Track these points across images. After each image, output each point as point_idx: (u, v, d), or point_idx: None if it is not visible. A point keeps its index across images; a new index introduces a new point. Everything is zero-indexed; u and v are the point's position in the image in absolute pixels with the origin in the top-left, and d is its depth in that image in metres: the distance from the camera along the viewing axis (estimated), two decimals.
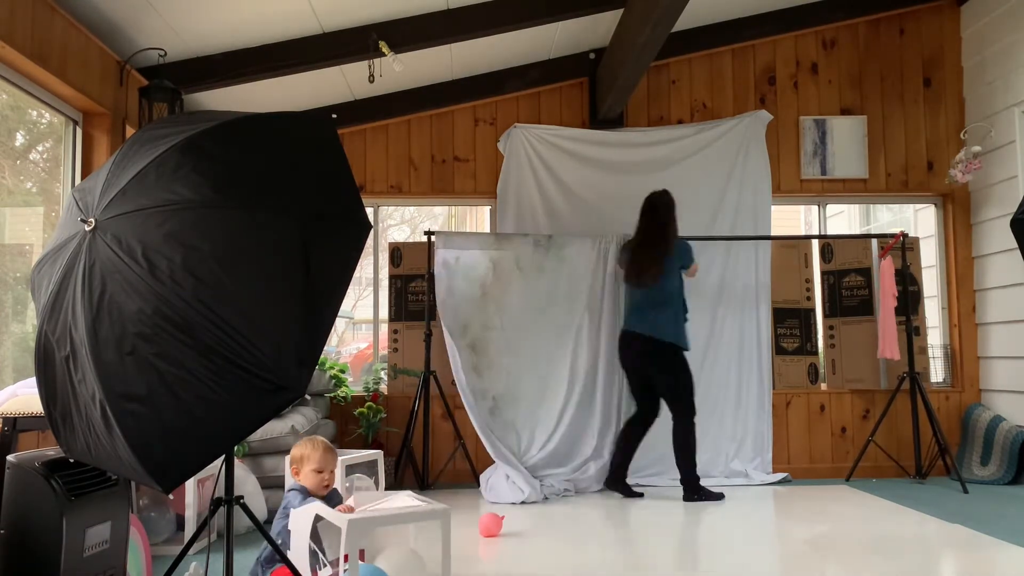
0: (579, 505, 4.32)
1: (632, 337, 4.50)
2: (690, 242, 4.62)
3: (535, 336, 4.93)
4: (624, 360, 4.59)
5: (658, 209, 4.52)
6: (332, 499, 2.90)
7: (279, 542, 2.69)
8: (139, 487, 3.20)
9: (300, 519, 2.61)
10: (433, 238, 5.07)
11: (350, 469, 3.56)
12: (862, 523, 3.76)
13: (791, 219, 9.67)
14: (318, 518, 2.58)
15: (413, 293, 5.31)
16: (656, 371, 4.45)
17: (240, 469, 3.59)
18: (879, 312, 4.92)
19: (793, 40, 5.51)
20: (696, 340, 4.84)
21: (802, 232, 9.35)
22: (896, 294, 4.88)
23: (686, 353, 4.44)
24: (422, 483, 4.83)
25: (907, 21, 5.53)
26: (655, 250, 4.44)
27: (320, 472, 2.84)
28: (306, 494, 2.81)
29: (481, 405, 4.83)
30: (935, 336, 5.49)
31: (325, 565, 2.62)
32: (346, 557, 2.51)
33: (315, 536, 2.63)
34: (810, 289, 5.34)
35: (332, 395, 5.02)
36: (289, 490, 2.84)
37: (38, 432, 2.95)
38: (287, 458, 3.65)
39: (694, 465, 4.38)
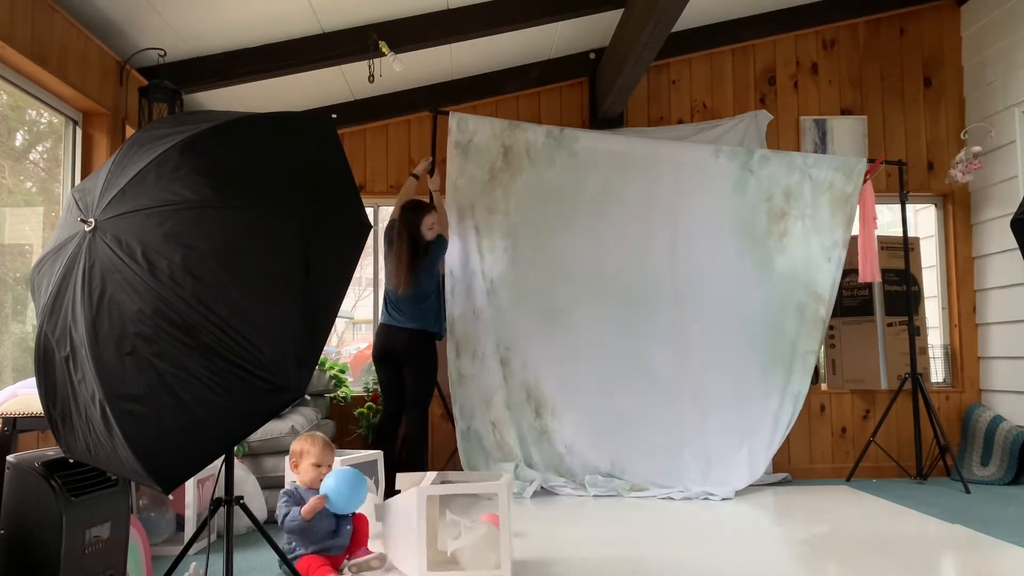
0: (572, 501, 4.31)
1: None
2: None
3: (538, 225, 4.83)
4: None
5: None
6: None
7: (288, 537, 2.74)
8: (139, 487, 3.20)
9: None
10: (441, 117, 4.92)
11: None
12: (862, 523, 3.75)
13: None
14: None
15: None
16: None
17: (240, 469, 3.59)
18: (859, 238, 4.88)
19: (793, 40, 5.51)
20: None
21: None
22: (876, 216, 4.87)
23: None
24: None
25: (907, 21, 5.53)
26: None
27: (318, 466, 2.89)
28: (297, 497, 2.83)
29: (479, 288, 4.75)
30: (935, 336, 5.49)
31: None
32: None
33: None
34: None
35: (332, 395, 5.01)
36: (283, 493, 2.86)
37: (38, 432, 2.95)
38: (287, 457, 3.67)
39: None
